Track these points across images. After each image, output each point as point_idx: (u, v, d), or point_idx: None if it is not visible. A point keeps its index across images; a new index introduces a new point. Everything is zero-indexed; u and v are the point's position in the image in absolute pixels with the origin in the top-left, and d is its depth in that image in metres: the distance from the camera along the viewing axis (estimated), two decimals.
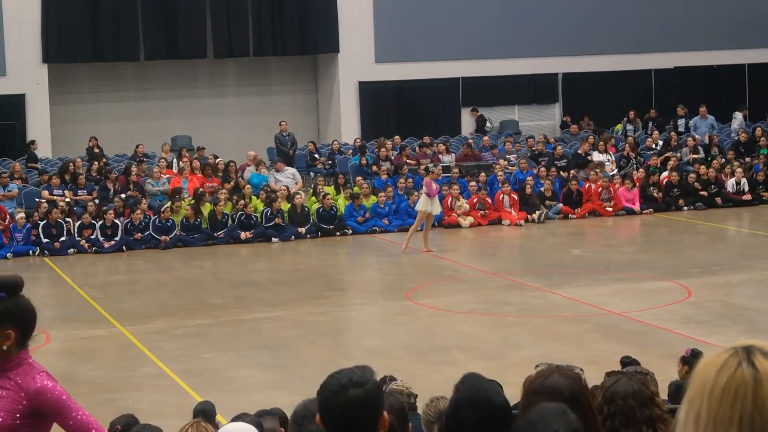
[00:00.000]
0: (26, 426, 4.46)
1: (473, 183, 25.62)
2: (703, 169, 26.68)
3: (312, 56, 32.03)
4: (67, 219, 23.15)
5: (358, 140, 29.31)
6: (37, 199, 24.04)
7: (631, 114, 31.46)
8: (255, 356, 14.35)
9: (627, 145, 28.64)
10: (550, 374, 3.52)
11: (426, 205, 21.54)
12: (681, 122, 31.03)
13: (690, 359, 9.76)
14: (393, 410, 4.52)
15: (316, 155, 28.79)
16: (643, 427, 4.00)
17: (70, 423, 4.50)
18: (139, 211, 23.31)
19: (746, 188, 26.56)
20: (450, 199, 24.70)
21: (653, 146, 29.35)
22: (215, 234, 23.62)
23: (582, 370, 3.89)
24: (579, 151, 28.31)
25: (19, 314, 4.50)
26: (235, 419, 7.35)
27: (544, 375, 3.51)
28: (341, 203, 24.93)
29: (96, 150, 27.65)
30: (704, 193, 26.18)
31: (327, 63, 31.68)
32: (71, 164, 25.60)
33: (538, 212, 25.19)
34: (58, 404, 4.47)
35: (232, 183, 25.48)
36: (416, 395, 7.88)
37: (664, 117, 32.34)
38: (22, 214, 22.84)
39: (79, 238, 22.92)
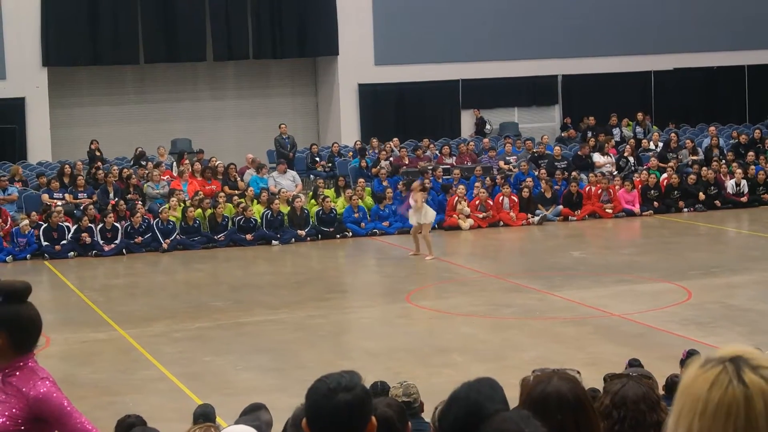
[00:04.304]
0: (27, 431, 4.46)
1: (478, 183, 25.62)
2: (704, 170, 26.69)
3: (311, 59, 32.04)
4: (68, 224, 23.13)
5: (358, 143, 29.31)
6: (43, 201, 24.06)
7: (639, 116, 31.45)
8: (255, 359, 14.35)
9: (628, 146, 28.67)
10: (550, 379, 3.50)
11: (414, 218, 21.50)
12: (616, 131, 30.81)
13: (686, 362, 9.78)
14: (391, 407, 4.51)
15: (317, 158, 28.79)
16: (651, 431, 4.00)
17: (70, 430, 4.50)
18: (138, 215, 23.31)
19: (746, 190, 26.58)
20: (455, 200, 24.73)
21: (652, 147, 29.34)
22: (215, 237, 23.62)
23: (579, 372, 3.88)
24: (579, 153, 28.32)
25: (13, 320, 4.49)
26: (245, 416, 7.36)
27: (545, 380, 3.50)
28: (341, 206, 24.94)
29: (97, 153, 27.68)
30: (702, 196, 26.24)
31: (326, 65, 31.69)
32: (68, 167, 25.61)
33: (538, 212, 25.21)
34: (59, 412, 4.46)
35: (238, 193, 25.34)
36: (416, 399, 7.84)
37: (662, 120, 32.46)
38: (26, 222, 22.77)
39: (77, 236, 22.87)
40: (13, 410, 4.45)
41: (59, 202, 24.02)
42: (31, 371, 4.51)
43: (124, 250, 23.03)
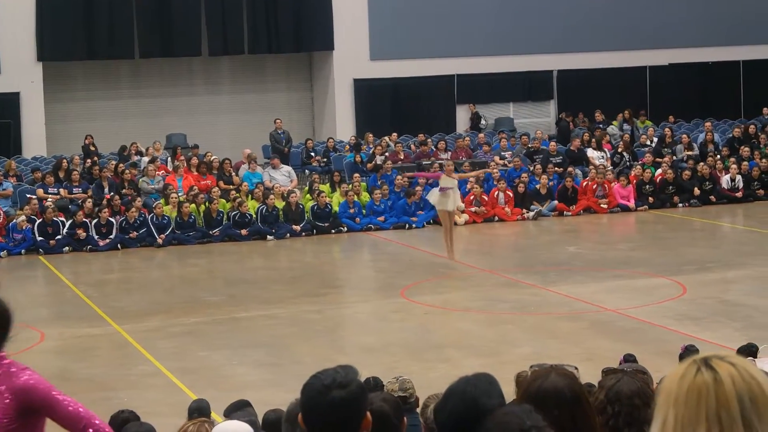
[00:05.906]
0: (20, 428, 4.45)
1: (473, 179, 25.61)
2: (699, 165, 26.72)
3: (307, 53, 32.01)
4: (62, 219, 23.08)
5: (353, 138, 29.30)
6: (29, 195, 23.99)
7: (626, 113, 31.45)
8: (250, 354, 14.35)
9: (622, 142, 28.68)
10: (548, 375, 3.50)
11: (437, 200, 20.28)
12: (604, 127, 30.77)
13: (684, 356, 9.78)
14: (387, 402, 4.51)
15: (312, 153, 28.78)
16: (645, 426, 4.00)
17: (60, 415, 4.49)
18: (134, 209, 23.28)
19: (741, 185, 26.60)
20: None
21: (648, 143, 29.35)
22: (210, 232, 23.60)
23: (576, 368, 3.88)
24: (571, 148, 28.28)
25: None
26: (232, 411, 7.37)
27: (542, 376, 3.50)
28: (336, 201, 24.92)
29: (92, 148, 27.64)
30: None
31: (322, 60, 31.66)
32: (65, 161, 25.55)
33: (533, 208, 25.21)
34: (47, 397, 4.45)
35: (234, 188, 25.28)
36: (412, 393, 7.84)
37: (657, 115, 32.47)
38: (23, 217, 22.72)
39: (72, 231, 22.82)
40: (6, 401, 4.43)
41: (50, 198, 23.97)
42: (9, 365, 4.49)
43: (119, 245, 23.01)
